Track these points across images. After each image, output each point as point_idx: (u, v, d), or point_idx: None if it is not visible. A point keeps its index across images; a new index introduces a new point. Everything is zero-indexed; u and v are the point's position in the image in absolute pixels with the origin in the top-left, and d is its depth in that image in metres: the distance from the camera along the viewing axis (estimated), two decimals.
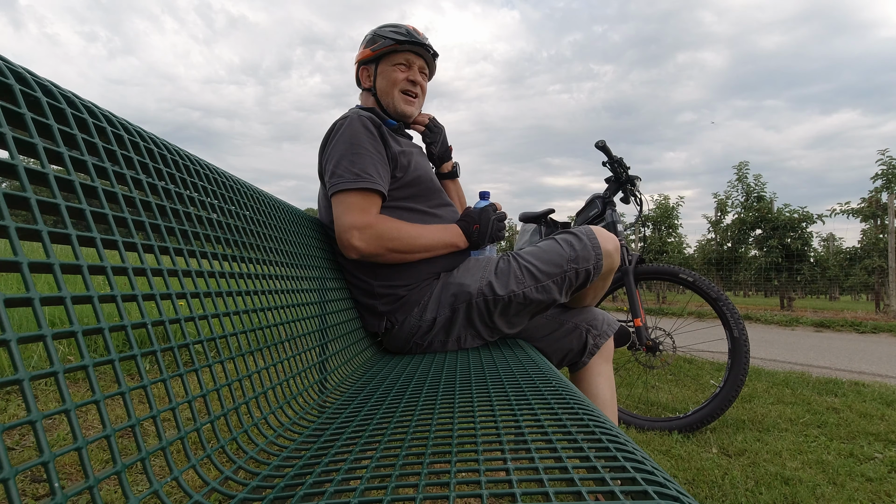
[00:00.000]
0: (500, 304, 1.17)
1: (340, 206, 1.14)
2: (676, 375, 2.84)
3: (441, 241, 1.20)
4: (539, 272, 1.17)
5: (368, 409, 0.68)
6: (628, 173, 2.22)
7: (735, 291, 14.97)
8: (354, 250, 1.13)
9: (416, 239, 1.17)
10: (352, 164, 1.14)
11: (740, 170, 9.77)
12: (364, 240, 1.12)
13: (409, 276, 1.21)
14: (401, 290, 1.21)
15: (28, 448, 1.35)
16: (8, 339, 0.31)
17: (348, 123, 1.18)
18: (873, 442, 1.77)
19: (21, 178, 0.38)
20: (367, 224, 1.13)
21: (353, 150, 1.15)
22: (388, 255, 1.16)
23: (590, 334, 1.29)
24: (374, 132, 1.18)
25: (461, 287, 1.18)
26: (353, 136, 1.16)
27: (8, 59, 0.42)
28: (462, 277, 1.20)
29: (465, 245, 1.24)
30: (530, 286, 1.17)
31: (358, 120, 1.18)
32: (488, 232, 1.23)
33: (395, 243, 1.15)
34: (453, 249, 1.23)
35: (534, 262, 1.18)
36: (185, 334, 0.52)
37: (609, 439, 0.46)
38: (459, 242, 1.23)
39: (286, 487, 0.46)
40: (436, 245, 1.20)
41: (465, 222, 1.25)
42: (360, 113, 1.21)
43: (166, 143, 0.64)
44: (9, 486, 0.28)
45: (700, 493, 1.36)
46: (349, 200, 1.14)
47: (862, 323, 5.99)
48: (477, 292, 1.17)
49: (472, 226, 1.24)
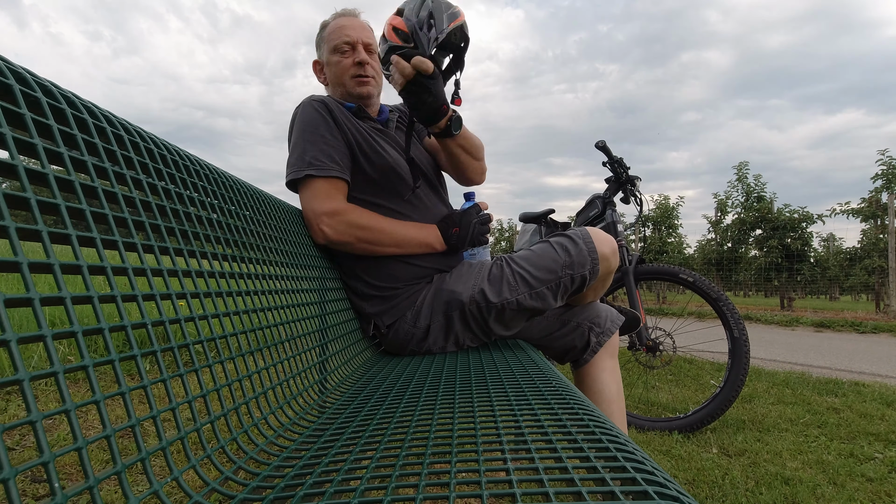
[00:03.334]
0: (494, 310, 1.14)
1: (306, 193, 1.13)
2: (676, 375, 2.84)
3: (415, 239, 1.17)
4: (533, 279, 1.14)
5: (368, 409, 0.68)
6: (628, 173, 2.22)
7: (735, 291, 14.96)
8: (323, 236, 1.12)
9: (388, 233, 1.15)
10: (304, 152, 1.12)
11: (740, 170, 9.77)
12: (333, 226, 1.11)
13: (390, 277, 1.19)
14: (386, 291, 1.19)
15: (28, 448, 1.35)
16: (8, 339, 0.31)
17: (301, 111, 1.17)
18: (873, 442, 1.77)
19: (21, 179, 0.38)
20: (336, 210, 1.11)
21: (305, 138, 1.13)
22: (358, 245, 1.14)
23: (592, 332, 1.27)
24: (326, 116, 1.15)
25: (453, 294, 1.16)
26: (306, 123, 1.15)
27: (8, 60, 0.42)
28: (454, 284, 1.17)
29: (443, 248, 1.20)
30: (524, 293, 1.13)
31: (309, 104, 1.16)
32: (468, 235, 1.20)
33: (364, 233, 1.13)
34: (429, 250, 1.20)
35: (528, 268, 1.15)
36: (185, 334, 0.52)
37: (609, 439, 0.46)
38: (436, 244, 1.20)
39: (286, 488, 0.46)
40: (408, 242, 1.17)
41: (444, 224, 1.21)
42: (313, 97, 1.19)
43: (166, 144, 0.64)
44: (9, 487, 0.28)
45: (700, 494, 1.36)
46: (312, 187, 1.12)
47: (862, 323, 5.99)
48: (469, 300, 1.14)
49: (451, 228, 1.20)
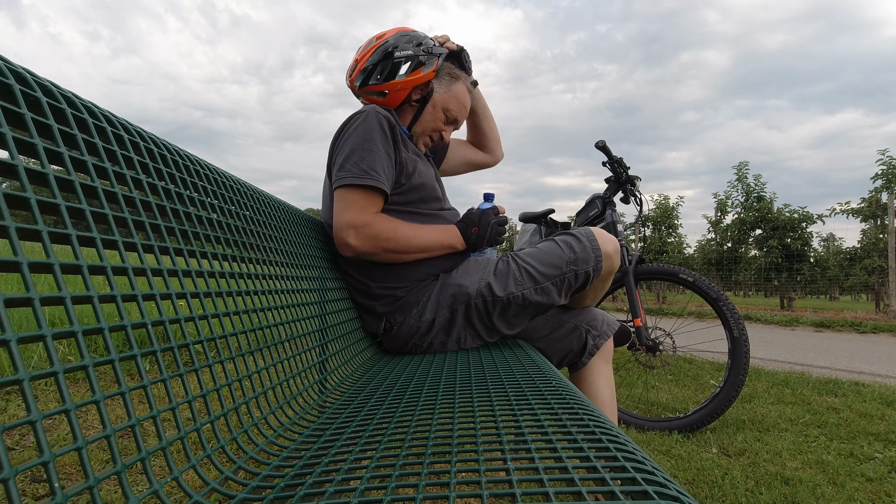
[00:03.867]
0: (499, 305, 1.16)
1: (341, 201, 1.13)
2: (676, 375, 2.84)
3: (438, 242, 1.19)
4: (538, 274, 1.16)
5: (368, 409, 0.68)
6: (628, 173, 2.22)
7: (735, 291, 14.97)
8: (349, 248, 1.12)
9: (413, 239, 1.16)
10: (361, 160, 1.12)
11: (740, 170, 9.77)
12: (360, 238, 1.11)
13: (406, 278, 1.20)
14: (399, 290, 1.21)
15: (28, 448, 1.35)
16: (8, 339, 0.31)
17: (364, 118, 1.16)
18: (873, 442, 1.77)
19: (21, 178, 0.38)
20: (364, 223, 1.11)
21: (364, 147, 1.13)
22: (384, 255, 1.15)
23: (589, 335, 1.28)
24: (388, 133, 1.16)
25: (460, 288, 1.17)
26: (368, 132, 1.14)
27: (8, 60, 0.42)
28: (461, 278, 1.19)
29: (463, 247, 1.23)
30: (529, 288, 1.16)
31: (375, 117, 1.16)
32: (487, 235, 1.22)
33: (390, 243, 1.13)
34: (450, 251, 1.22)
35: (533, 263, 1.17)
36: (185, 334, 0.52)
37: (609, 439, 0.46)
38: (457, 244, 1.22)
39: (286, 487, 0.46)
40: (432, 246, 1.19)
41: (464, 224, 1.23)
42: (378, 110, 1.18)
43: (166, 143, 0.64)
44: (9, 486, 0.28)
45: (700, 493, 1.36)
46: (351, 197, 1.12)
47: (862, 323, 5.99)
48: (475, 293, 1.16)
49: (470, 228, 1.22)
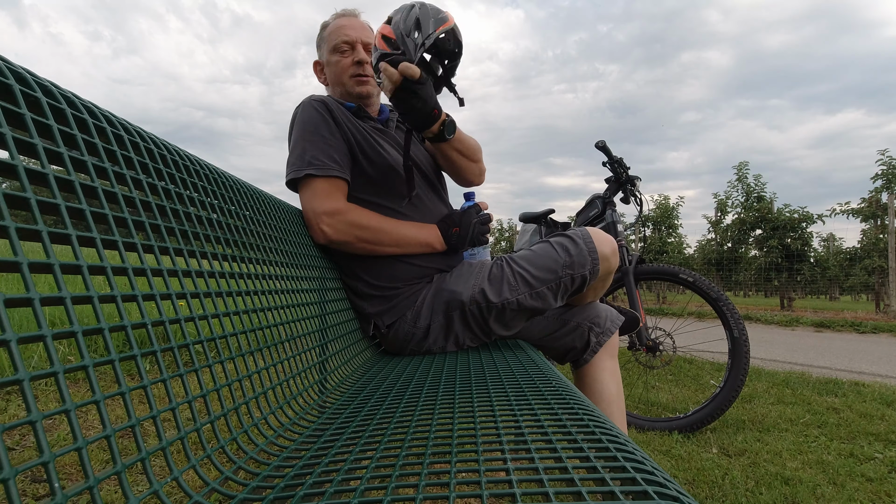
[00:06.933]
0: (494, 310, 1.15)
1: (306, 192, 1.13)
2: (676, 375, 2.84)
3: (415, 239, 1.17)
4: (533, 278, 1.14)
5: (368, 409, 0.68)
6: (628, 173, 2.23)
7: (735, 291, 14.96)
8: (323, 235, 1.12)
9: (388, 233, 1.15)
10: (304, 151, 1.13)
11: (740, 170, 9.77)
12: (332, 225, 1.11)
13: (390, 277, 1.19)
14: (386, 291, 1.19)
15: (28, 448, 1.35)
16: (8, 339, 0.31)
17: (300, 110, 1.17)
18: (873, 442, 1.77)
19: (21, 179, 0.38)
20: (337, 210, 1.11)
21: (305, 137, 1.14)
22: (357, 244, 1.14)
23: (592, 332, 1.27)
24: (328, 116, 1.15)
25: (453, 294, 1.16)
26: (306, 122, 1.15)
27: (8, 60, 0.42)
28: (454, 284, 1.17)
29: (443, 247, 1.21)
30: (524, 293, 1.14)
31: (309, 105, 1.17)
32: (468, 235, 1.20)
33: (364, 232, 1.13)
34: (429, 250, 1.20)
35: (528, 267, 1.15)
36: (185, 334, 0.52)
37: (609, 439, 0.46)
38: (436, 244, 1.20)
39: (286, 488, 0.46)
40: (409, 242, 1.17)
41: (444, 224, 1.22)
42: (313, 97, 1.19)
43: (166, 144, 0.64)
44: (9, 487, 0.28)
45: (700, 493, 1.36)
46: (314, 186, 1.12)
47: (862, 323, 5.99)
48: (469, 300, 1.14)
49: (451, 228, 1.20)
